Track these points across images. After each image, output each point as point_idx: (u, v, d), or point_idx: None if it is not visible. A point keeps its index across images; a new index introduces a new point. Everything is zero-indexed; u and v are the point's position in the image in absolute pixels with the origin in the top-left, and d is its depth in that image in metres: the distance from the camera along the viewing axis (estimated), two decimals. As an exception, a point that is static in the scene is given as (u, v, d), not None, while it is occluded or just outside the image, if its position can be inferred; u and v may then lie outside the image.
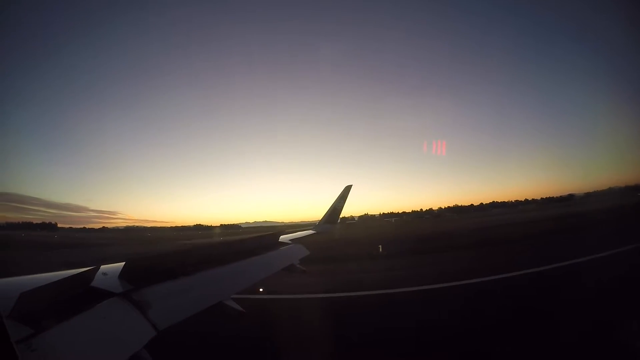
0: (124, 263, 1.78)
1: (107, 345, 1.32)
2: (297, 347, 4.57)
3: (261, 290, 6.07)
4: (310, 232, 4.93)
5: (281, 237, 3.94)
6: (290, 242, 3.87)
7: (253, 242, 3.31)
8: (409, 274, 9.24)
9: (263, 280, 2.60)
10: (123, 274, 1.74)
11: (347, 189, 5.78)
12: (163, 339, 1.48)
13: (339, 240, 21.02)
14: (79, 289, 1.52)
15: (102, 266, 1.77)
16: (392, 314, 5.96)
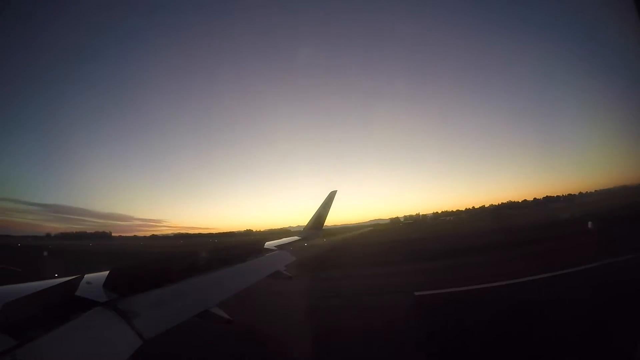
0: (108, 272, 1.77)
1: (93, 356, 1.32)
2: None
3: None
4: (296, 238, 4.99)
5: (266, 243, 3.98)
6: (275, 248, 3.91)
7: (238, 249, 3.33)
8: None
9: (249, 287, 2.62)
10: (108, 282, 1.72)
11: (332, 195, 5.83)
12: (149, 348, 1.49)
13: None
14: (63, 298, 1.50)
15: (86, 275, 1.75)
16: None
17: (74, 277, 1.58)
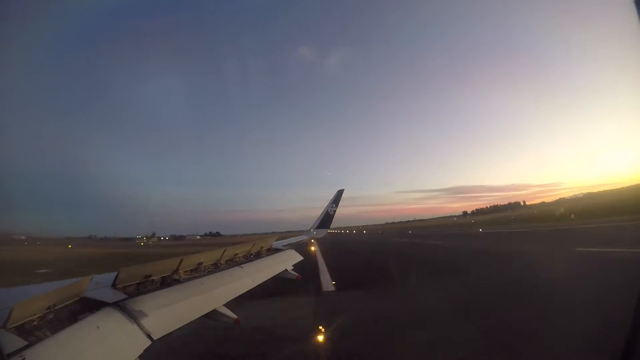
0: (116, 273, 1.78)
1: (102, 356, 1.32)
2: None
3: None
4: (303, 237, 5.00)
5: (274, 242, 3.97)
6: (283, 247, 3.89)
7: (246, 248, 3.32)
8: None
9: (256, 287, 2.61)
10: (116, 283, 1.73)
11: (340, 193, 5.85)
12: (158, 348, 1.49)
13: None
14: (72, 299, 1.51)
15: (95, 276, 1.77)
16: None
17: (82, 278, 1.59)
